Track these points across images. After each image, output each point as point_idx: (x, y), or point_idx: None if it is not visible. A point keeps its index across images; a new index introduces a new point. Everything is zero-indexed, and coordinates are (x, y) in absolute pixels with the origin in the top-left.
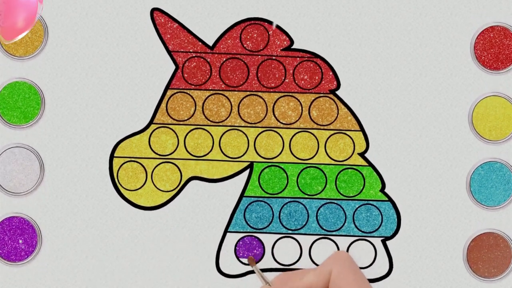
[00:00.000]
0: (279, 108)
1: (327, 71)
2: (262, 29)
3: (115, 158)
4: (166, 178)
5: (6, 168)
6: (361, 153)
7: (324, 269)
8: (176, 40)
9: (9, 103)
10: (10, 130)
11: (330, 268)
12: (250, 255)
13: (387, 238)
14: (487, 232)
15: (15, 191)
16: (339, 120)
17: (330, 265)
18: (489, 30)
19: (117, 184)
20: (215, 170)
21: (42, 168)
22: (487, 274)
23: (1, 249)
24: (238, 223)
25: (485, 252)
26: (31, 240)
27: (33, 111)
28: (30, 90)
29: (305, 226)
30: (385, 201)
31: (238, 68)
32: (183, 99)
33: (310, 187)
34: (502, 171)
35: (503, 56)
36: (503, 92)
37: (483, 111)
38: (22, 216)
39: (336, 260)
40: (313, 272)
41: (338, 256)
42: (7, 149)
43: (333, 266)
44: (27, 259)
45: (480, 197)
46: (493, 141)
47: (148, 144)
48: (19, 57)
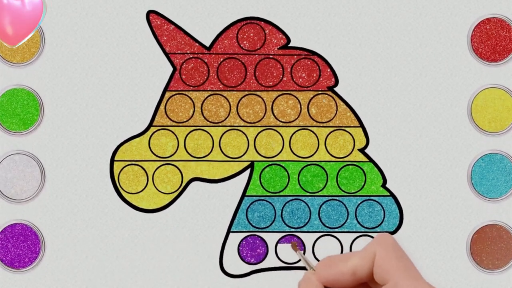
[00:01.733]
0: (278, 107)
1: (325, 68)
2: (258, 28)
3: (115, 161)
4: (167, 180)
5: (7, 175)
6: (361, 149)
7: (368, 252)
8: (173, 42)
9: (8, 110)
10: (9, 137)
11: (374, 251)
12: (292, 241)
13: (390, 233)
14: (490, 224)
15: (17, 198)
16: (338, 117)
17: (373, 248)
18: (485, 22)
19: (118, 188)
20: (216, 170)
21: (43, 174)
22: (491, 266)
23: (5, 256)
24: (241, 223)
25: (488, 244)
26: (34, 247)
27: (32, 117)
28: (28, 96)
29: (308, 224)
30: (387, 196)
31: (235, 68)
32: (182, 100)
33: (312, 185)
34: (502, 162)
35: (500, 48)
36: (501, 84)
37: (482, 103)
38: (25, 223)
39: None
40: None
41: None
42: (7, 156)
43: (377, 249)
44: (30, 266)
45: (482, 189)
46: (492, 133)
47: (148, 146)
48: (17, 64)
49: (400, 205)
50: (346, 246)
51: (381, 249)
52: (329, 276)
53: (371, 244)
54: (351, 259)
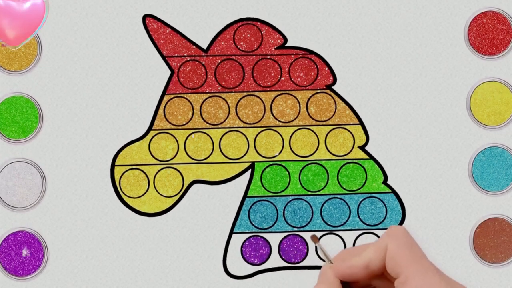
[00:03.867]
0: (276, 107)
1: (323, 67)
2: (255, 29)
3: (116, 166)
4: (168, 184)
5: (8, 184)
6: (361, 146)
7: (380, 245)
8: (170, 45)
9: (7, 118)
10: (9, 145)
11: (386, 244)
12: (312, 234)
13: None
14: (492, 218)
15: (19, 206)
16: (338, 115)
17: (385, 241)
18: (481, 15)
19: (120, 193)
20: (216, 172)
21: (44, 181)
22: (494, 259)
23: (8, 264)
24: (243, 224)
25: (491, 237)
26: (37, 254)
27: (31, 124)
28: (27, 104)
29: (310, 223)
30: (388, 193)
31: (233, 69)
32: (181, 103)
33: (313, 184)
34: (503, 156)
35: (497, 41)
36: (499, 77)
37: (480, 97)
38: (27, 230)
39: (391, 236)
40: (371, 247)
41: (393, 232)
42: (8, 165)
43: (388, 241)
44: (34, 273)
45: (483, 183)
46: (492, 126)
47: (148, 150)
48: (14, 72)
49: (402, 201)
50: (349, 244)
51: (392, 242)
52: (343, 270)
53: (383, 237)
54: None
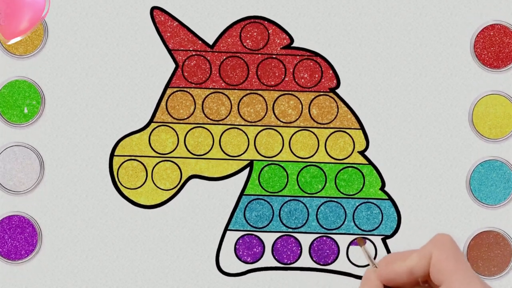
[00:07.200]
0: (279, 107)
1: (327, 70)
2: (262, 28)
3: (115, 156)
4: (166, 177)
5: (6, 167)
6: (361, 151)
7: (425, 252)
8: (176, 39)
9: (9, 101)
10: (10, 128)
11: (431, 252)
12: (359, 237)
13: (387, 237)
14: (487, 231)
15: (15, 190)
16: (339, 119)
17: (430, 249)
18: (489, 28)
19: (117, 183)
20: (215, 168)
21: (42, 166)
22: (487, 272)
23: (1, 247)
24: (238, 222)
25: (485, 250)
26: (31, 239)
27: (33, 109)
28: (30, 88)
29: (305, 225)
30: (385, 199)
31: (238, 67)
32: (183, 97)
33: (310, 186)
34: (502, 169)
35: (503, 55)
36: (503, 91)
37: (483, 110)
38: (22, 215)
39: (437, 244)
40: (416, 254)
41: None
42: (7, 148)
43: (433, 250)
44: (27, 258)
45: (480, 196)
46: (493, 139)
47: (148, 142)
48: (19, 56)
49: (398, 208)
50: (342, 248)
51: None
52: (387, 275)
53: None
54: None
